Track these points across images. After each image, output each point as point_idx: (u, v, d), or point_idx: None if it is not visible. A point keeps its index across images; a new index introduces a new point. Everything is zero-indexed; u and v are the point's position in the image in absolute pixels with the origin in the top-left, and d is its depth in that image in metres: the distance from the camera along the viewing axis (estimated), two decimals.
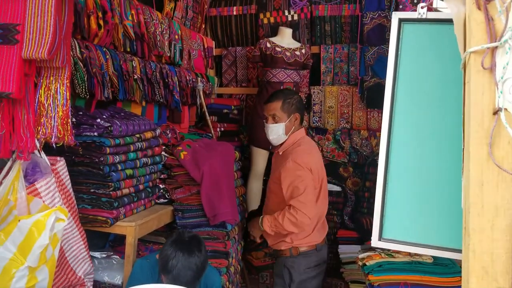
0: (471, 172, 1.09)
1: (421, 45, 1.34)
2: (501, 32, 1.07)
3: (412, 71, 1.35)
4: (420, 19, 1.33)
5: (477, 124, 1.09)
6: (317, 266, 2.79)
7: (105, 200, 2.28)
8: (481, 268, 1.08)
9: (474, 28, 1.10)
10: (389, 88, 1.36)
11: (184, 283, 2.02)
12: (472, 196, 1.09)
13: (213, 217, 2.65)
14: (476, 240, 1.08)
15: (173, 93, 3.45)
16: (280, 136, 2.79)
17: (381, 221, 1.33)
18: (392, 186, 1.34)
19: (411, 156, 1.34)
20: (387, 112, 1.37)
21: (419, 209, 1.32)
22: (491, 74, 1.08)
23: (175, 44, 3.64)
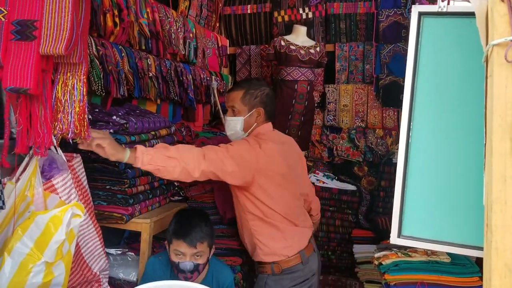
0: (494, 167, 1.06)
1: (442, 39, 1.31)
2: None
3: (432, 65, 1.33)
4: (440, 12, 1.31)
5: (500, 118, 1.06)
6: (304, 282, 2.41)
7: (121, 196, 2.29)
8: (504, 265, 1.06)
9: (497, 20, 1.07)
10: (409, 82, 1.34)
11: (199, 237, 2.16)
12: (495, 192, 1.06)
13: (224, 213, 2.65)
14: (499, 237, 1.06)
15: (188, 91, 3.46)
16: (237, 132, 2.42)
17: (400, 218, 1.31)
18: (411, 183, 1.31)
19: (431, 152, 1.32)
20: (407, 107, 1.34)
21: (439, 206, 1.30)
22: None
23: (190, 42, 3.65)
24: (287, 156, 2.41)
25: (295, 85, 4.05)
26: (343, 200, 3.83)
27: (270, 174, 2.28)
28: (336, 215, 3.83)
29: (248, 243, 2.46)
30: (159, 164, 2.01)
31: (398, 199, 1.31)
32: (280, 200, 2.33)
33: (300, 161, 2.63)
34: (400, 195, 1.32)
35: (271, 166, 2.27)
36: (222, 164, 2.12)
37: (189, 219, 2.22)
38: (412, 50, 1.33)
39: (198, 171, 2.07)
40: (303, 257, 2.39)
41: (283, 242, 2.36)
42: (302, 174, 2.62)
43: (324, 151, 4.30)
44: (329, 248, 3.83)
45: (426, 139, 1.32)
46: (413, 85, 1.34)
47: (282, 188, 2.34)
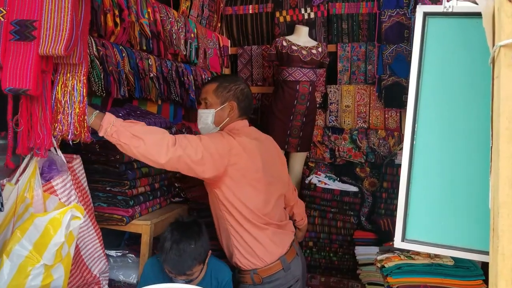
0: (501, 170, 1.04)
1: (447, 40, 1.29)
2: None
3: (437, 66, 1.31)
4: (446, 12, 1.29)
5: (508, 121, 1.04)
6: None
7: (121, 198, 2.27)
8: (510, 271, 1.03)
9: (504, 21, 1.05)
10: (413, 84, 1.32)
11: (186, 267, 2.08)
12: (502, 196, 1.04)
13: None
14: (506, 242, 1.04)
15: (189, 92, 3.44)
16: (208, 126, 2.33)
17: (404, 221, 1.29)
18: (415, 186, 1.29)
19: (436, 154, 1.30)
20: (411, 108, 1.32)
21: (444, 210, 1.28)
22: None
23: (191, 43, 3.63)
24: (263, 152, 2.31)
25: (297, 86, 4.02)
26: (345, 201, 3.80)
27: (243, 168, 2.18)
28: (338, 216, 3.81)
29: (225, 245, 2.36)
30: (122, 140, 1.89)
31: (402, 202, 1.29)
32: (256, 198, 2.23)
33: (279, 159, 2.52)
34: (404, 198, 1.29)
35: (244, 159, 2.18)
36: (194, 151, 2.00)
37: (177, 245, 2.08)
38: (417, 50, 1.31)
39: (165, 158, 1.93)
40: (284, 264, 2.29)
41: (261, 245, 2.26)
42: (281, 173, 2.48)
43: (326, 152, 4.27)
44: (331, 249, 3.81)
45: (430, 142, 1.30)
46: (417, 87, 1.32)
47: (258, 185, 2.24)
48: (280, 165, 2.53)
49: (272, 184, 2.33)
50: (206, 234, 2.22)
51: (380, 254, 2.53)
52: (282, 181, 2.48)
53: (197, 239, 2.14)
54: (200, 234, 2.18)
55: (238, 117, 2.36)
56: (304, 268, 2.50)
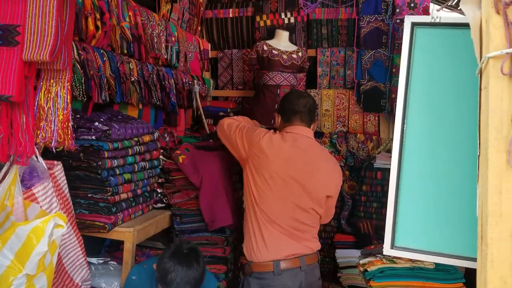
0: (490, 180, 1.06)
1: (434, 50, 1.31)
2: None
3: (425, 76, 1.33)
4: (433, 23, 1.31)
5: (496, 131, 1.07)
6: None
7: (103, 205, 2.23)
8: (499, 278, 1.06)
9: (493, 32, 1.08)
10: (402, 93, 1.34)
11: None
12: (491, 205, 1.06)
13: (212, 222, 2.62)
14: (495, 250, 1.06)
15: (170, 96, 3.41)
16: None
17: (393, 229, 1.31)
18: (404, 194, 1.31)
19: (424, 163, 1.32)
20: (400, 118, 1.34)
21: (432, 217, 1.30)
22: (511, 80, 1.06)
23: (172, 46, 3.60)
24: (296, 160, 2.40)
25: (277, 90, 4.04)
26: None
27: (260, 164, 2.39)
28: None
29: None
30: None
31: (391, 210, 1.31)
32: (266, 198, 2.35)
33: (314, 174, 2.45)
34: (393, 206, 1.31)
35: (261, 158, 2.39)
36: (232, 121, 2.66)
37: (181, 279, 2.03)
38: (405, 60, 1.34)
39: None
40: (275, 268, 2.32)
41: (261, 242, 2.35)
42: (309, 186, 2.42)
43: None
44: None
45: (418, 151, 1.33)
46: (405, 96, 1.34)
47: (272, 184, 2.35)
48: (312, 180, 2.44)
49: (289, 189, 2.38)
50: (203, 258, 2.17)
51: (362, 258, 2.55)
52: (307, 194, 2.42)
53: (198, 268, 2.08)
54: (199, 261, 2.12)
55: (282, 123, 2.61)
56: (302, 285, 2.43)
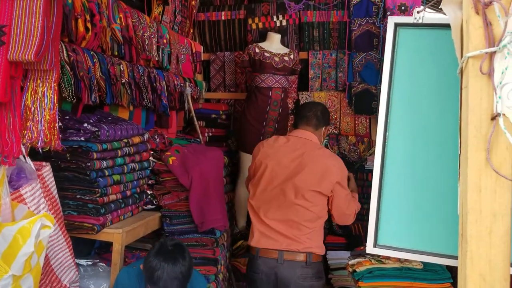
0: (469, 178, 1.08)
1: (417, 50, 1.33)
2: (500, 37, 1.07)
3: (408, 76, 1.34)
4: (416, 24, 1.32)
5: (475, 130, 1.08)
6: (252, 273, 2.60)
7: (92, 206, 2.23)
8: (478, 275, 1.07)
9: (472, 33, 1.09)
10: (385, 93, 1.35)
11: None
12: (470, 203, 1.08)
13: (201, 223, 2.62)
14: (474, 247, 1.07)
15: (161, 98, 3.41)
16: None
17: (376, 228, 1.32)
18: (387, 193, 1.32)
19: (406, 162, 1.33)
20: (383, 117, 1.35)
21: (414, 216, 1.31)
22: (490, 79, 1.07)
23: (163, 48, 3.61)
24: (280, 158, 2.62)
25: (269, 92, 4.05)
26: None
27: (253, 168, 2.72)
28: None
29: None
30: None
31: (374, 209, 1.32)
32: (254, 194, 2.65)
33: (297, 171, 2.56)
34: (376, 205, 1.32)
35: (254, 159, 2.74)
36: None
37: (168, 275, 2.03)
38: (388, 60, 1.35)
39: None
40: (256, 253, 2.59)
41: (251, 229, 2.64)
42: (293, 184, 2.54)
43: None
44: None
45: (401, 150, 1.34)
46: (389, 96, 1.35)
47: (259, 183, 2.63)
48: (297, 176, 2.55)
49: (274, 185, 2.60)
50: (189, 254, 2.17)
51: (352, 258, 2.57)
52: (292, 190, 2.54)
53: (184, 263, 2.08)
54: (185, 256, 2.12)
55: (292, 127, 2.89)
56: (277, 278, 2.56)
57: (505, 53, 1.05)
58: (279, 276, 2.55)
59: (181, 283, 2.04)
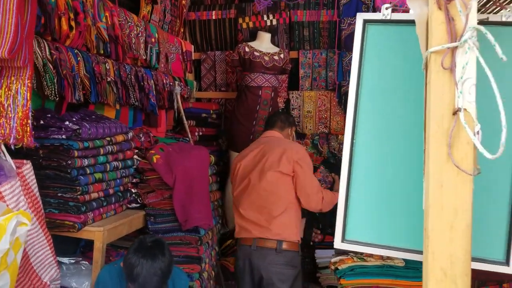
0: (431, 173, 1.08)
1: (386, 46, 1.33)
2: (461, 32, 1.07)
3: (376, 73, 1.34)
4: (384, 20, 1.32)
5: (437, 125, 1.08)
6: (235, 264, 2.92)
7: (73, 204, 2.23)
8: (440, 270, 1.07)
9: (435, 28, 1.10)
10: (353, 89, 1.35)
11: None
12: (432, 197, 1.08)
13: (185, 222, 2.61)
14: (435, 241, 1.07)
15: (149, 97, 3.41)
16: None
17: (344, 222, 1.32)
18: (355, 189, 1.32)
19: (374, 158, 1.33)
20: (351, 114, 1.36)
21: (381, 211, 1.31)
22: (451, 74, 1.07)
23: (152, 47, 3.60)
24: (253, 152, 2.96)
25: (259, 91, 4.05)
26: None
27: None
28: None
29: None
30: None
31: (342, 204, 1.32)
32: (233, 190, 2.97)
33: (264, 158, 2.87)
34: (344, 200, 1.32)
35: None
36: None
37: (147, 271, 2.03)
38: (357, 56, 1.35)
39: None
40: (237, 243, 2.93)
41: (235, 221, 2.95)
42: (261, 172, 2.84)
43: None
44: None
45: (369, 146, 1.34)
46: (357, 91, 1.35)
47: (234, 181, 2.97)
48: (264, 162, 2.86)
49: (247, 179, 2.88)
50: (169, 250, 2.17)
51: (336, 256, 2.57)
52: (261, 177, 2.82)
53: (163, 260, 2.08)
54: (165, 252, 2.11)
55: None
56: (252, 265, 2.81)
57: (466, 48, 1.05)
58: (252, 262, 2.78)
59: (160, 279, 2.03)
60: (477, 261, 1.27)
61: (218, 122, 4.46)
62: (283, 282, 2.71)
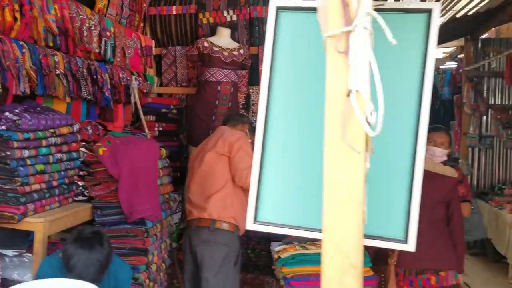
0: (326, 153, 1.12)
1: (298, 34, 1.36)
2: (354, 17, 1.11)
3: (289, 60, 1.38)
4: (296, 7, 1.36)
5: (332, 106, 1.12)
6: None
7: (12, 195, 2.21)
8: (334, 245, 1.11)
9: (331, 12, 1.13)
10: (266, 75, 1.38)
11: (89, 279, 1.99)
12: (327, 176, 1.12)
13: (130, 214, 2.62)
14: (329, 218, 1.11)
15: (103, 90, 3.40)
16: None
17: (256, 204, 1.35)
18: (266, 172, 1.35)
19: (286, 142, 1.37)
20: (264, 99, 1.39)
21: (292, 192, 1.34)
22: (346, 57, 1.11)
23: (106, 41, 3.59)
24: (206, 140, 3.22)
25: (218, 86, 4.08)
26: None
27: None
28: None
29: None
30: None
31: (255, 186, 1.35)
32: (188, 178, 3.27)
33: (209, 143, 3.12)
34: (257, 182, 1.35)
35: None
36: None
37: (84, 262, 2.02)
38: (270, 44, 1.38)
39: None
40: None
41: None
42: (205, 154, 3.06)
43: None
44: (248, 246, 3.87)
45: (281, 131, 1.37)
46: (270, 79, 1.38)
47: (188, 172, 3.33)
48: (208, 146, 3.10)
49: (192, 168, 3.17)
50: (108, 241, 2.17)
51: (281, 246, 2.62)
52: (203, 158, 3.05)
53: (101, 251, 2.07)
54: (103, 243, 2.11)
55: None
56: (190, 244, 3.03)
57: (358, 32, 1.09)
58: (191, 241, 2.97)
59: (97, 270, 2.04)
60: (378, 239, 1.31)
61: (179, 118, 4.46)
62: (213, 260, 2.82)
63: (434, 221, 2.72)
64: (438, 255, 2.69)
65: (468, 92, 6.37)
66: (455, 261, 2.72)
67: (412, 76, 1.30)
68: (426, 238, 2.69)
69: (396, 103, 1.30)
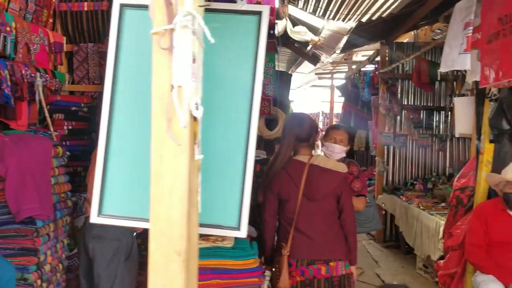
0: (153, 145, 1.17)
1: (142, 31, 1.40)
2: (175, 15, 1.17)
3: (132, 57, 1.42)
4: (141, 5, 1.40)
5: (158, 101, 1.18)
6: None
7: None
8: (161, 233, 1.16)
9: (156, 11, 1.19)
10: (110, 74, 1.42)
11: None
12: (154, 167, 1.17)
13: (17, 213, 2.56)
14: (157, 207, 1.17)
15: (2, 87, 3.28)
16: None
17: (100, 197, 1.38)
18: (111, 165, 1.39)
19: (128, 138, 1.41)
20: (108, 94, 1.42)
21: (134, 186, 1.39)
22: (170, 54, 1.17)
23: (6, 37, 3.47)
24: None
25: None
26: None
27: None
28: None
29: None
30: None
31: (99, 180, 1.38)
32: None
33: None
34: (101, 176, 1.38)
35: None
36: None
37: None
38: (114, 42, 1.41)
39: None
40: None
41: None
42: None
43: None
44: None
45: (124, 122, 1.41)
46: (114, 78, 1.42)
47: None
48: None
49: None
50: None
51: None
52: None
53: None
54: None
55: None
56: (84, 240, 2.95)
57: (179, 30, 1.15)
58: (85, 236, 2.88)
59: None
60: (215, 227, 1.38)
61: (90, 116, 4.38)
62: (103, 256, 2.80)
63: (325, 214, 2.84)
64: (328, 246, 2.82)
65: (383, 93, 6.71)
66: (346, 253, 2.86)
67: (246, 74, 1.38)
68: (317, 230, 2.83)
69: (231, 99, 1.37)
